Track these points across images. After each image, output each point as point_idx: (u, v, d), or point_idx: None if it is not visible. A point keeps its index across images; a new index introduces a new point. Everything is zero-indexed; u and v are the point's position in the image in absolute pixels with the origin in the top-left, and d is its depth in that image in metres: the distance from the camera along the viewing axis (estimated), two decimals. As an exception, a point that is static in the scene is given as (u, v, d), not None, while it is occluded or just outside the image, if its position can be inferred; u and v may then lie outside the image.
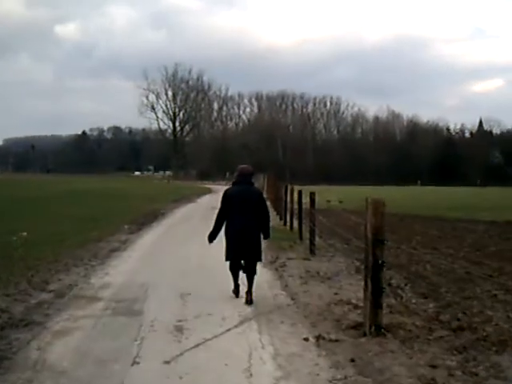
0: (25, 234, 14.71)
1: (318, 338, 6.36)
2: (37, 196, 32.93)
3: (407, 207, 28.19)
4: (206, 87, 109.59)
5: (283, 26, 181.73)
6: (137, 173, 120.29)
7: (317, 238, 15.14)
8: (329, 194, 35.89)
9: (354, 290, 8.67)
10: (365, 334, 6.38)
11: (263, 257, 11.75)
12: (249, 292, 8.08)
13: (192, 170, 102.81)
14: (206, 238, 8.42)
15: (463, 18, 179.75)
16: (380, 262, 6.33)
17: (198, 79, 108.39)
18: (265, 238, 8.61)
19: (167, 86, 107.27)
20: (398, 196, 36.77)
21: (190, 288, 8.90)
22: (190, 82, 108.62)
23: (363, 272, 6.61)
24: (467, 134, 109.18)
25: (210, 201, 33.27)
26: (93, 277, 9.90)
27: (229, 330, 6.64)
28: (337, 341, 6.26)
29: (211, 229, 8.39)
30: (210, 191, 45.60)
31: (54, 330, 6.62)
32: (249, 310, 7.65)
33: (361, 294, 8.13)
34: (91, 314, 7.36)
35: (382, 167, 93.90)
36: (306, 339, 6.32)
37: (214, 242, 8.43)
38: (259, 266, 10.75)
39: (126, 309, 7.63)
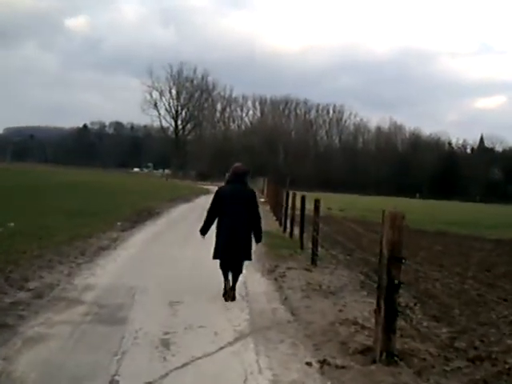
0: (12, 224, 13.97)
1: (323, 362, 5.62)
2: (32, 186, 32.18)
3: (408, 220, 27.41)
4: (211, 87, 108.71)
5: (291, 31, 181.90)
6: (136, 169, 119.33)
7: (319, 248, 14.42)
8: (329, 202, 35.05)
9: (360, 308, 7.92)
10: (375, 361, 5.64)
11: (261, 265, 11.08)
12: (232, 289, 8.05)
13: (191, 170, 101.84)
14: (199, 232, 8.45)
15: (470, 33, 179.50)
16: (396, 282, 5.60)
17: (202, 79, 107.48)
18: (257, 242, 8.42)
19: (171, 83, 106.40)
20: (399, 208, 36.02)
21: (182, 295, 8.15)
22: (195, 82, 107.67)
23: (376, 291, 5.86)
24: (468, 150, 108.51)
25: (208, 202, 32.50)
26: (77, 276, 9.14)
27: (222, 348, 5.88)
28: (343, 367, 5.52)
29: (202, 224, 8.42)
30: (207, 192, 44.62)
31: (27, 337, 5.88)
32: (245, 323, 6.90)
33: (367, 313, 7.43)
34: (70, 319, 6.59)
35: (382, 178, 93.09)
36: (309, 364, 5.58)
37: (207, 236, 8.41)
38: (257, 276, 10.06)
39: (109, 316, 6.86)
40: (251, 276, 9.79)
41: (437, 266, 13.25)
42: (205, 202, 33.04)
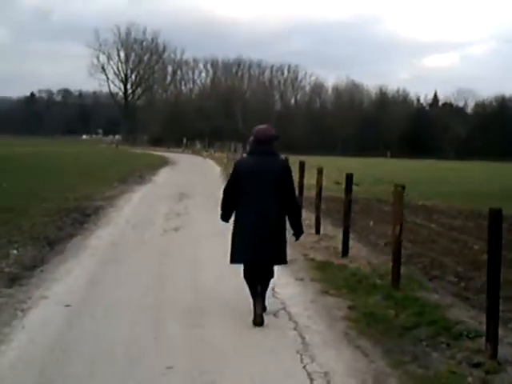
0: None
1: None
2: None
3: (462, 198, 18.45)
4: (161, 49, 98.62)
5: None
6: (84, 136, 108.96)
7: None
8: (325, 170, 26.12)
9: None
10: None
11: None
12: (261, 299, 5.54)
13: (143, 135, 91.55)
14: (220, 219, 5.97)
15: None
16: None
17: (152, 41, 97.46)
18: (296, 237, 5.83)
19: (119, 46, 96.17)
20: (408, 174, 27.10)
21: None
22: (145, 43, 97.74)
23: None
24: (426, 105, 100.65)
25: (173, 180, 22.99)
26: None
27: None
28: None
29: (220, 211, 5.94)
30: (167, 162, 34.98)
31: None
32: None
33: None
34: None
35: (348, 137, 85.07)
36: None
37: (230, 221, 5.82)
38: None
39: None
40: None
41: None
42: (169, 180, 22.81)
